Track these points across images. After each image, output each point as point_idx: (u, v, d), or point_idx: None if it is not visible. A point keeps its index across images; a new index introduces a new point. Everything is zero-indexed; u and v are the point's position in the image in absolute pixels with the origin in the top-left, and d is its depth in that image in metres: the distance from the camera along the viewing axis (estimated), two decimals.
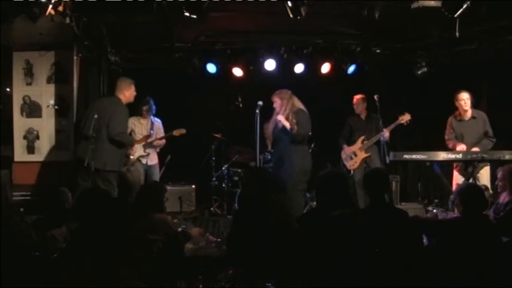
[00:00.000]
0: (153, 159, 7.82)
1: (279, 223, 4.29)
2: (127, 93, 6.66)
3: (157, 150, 7.92)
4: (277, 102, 6.66)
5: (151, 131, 7.78)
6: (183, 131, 7.85)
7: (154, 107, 7.81)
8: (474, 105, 7.10)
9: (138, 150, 7.69)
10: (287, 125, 6.47)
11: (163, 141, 7.83)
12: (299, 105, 6.66)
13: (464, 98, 6.97)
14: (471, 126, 6.98)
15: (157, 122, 7.94)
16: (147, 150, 7.72)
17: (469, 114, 7.00)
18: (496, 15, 6.41)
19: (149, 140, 7.71)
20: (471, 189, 4.19)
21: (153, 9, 5.84)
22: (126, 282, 2.90)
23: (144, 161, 7.70)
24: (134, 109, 7.79)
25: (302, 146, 6.62)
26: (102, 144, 6.27)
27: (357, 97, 7.95)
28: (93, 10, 6.07)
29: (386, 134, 7.34)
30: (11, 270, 3.40)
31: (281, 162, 6.54)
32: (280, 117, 6.53)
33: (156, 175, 7.79)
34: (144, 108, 7.72)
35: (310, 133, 6.72)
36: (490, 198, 5.73)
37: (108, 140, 6.31)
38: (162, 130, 7.93)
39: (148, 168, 7.70)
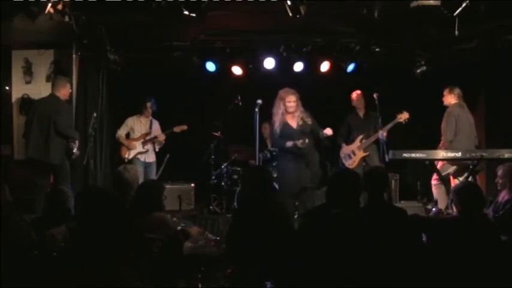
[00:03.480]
0: (150, 157, 7.88)
1: (278, 222, 4.29)
2: (62, 90, 6.87)
3: (157, 149, 7.95)
4: (295, 102, 6.52)
5: (150, 129, 7.86)
6: (184, 127, 7.94)
7: (155, 106, 7.86)
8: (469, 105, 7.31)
9: (137, 147, 7.75)
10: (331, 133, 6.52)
11: (163, 137, 7.87)
12: None
13: None
14: None
15: (156, 122, 8.02)
16: (146, 147, 7.78)
17: None
18: (494, 15, 6.41)
19: (148, 138, 7.76)
20: (468, 188, 4.19)
21: (152, 8, 5.83)
22: (125, 282, 2.90)
23: (142, 158, 7.75)
24: (135, 108, 7.81)
25: None
26: (52, 140, 6.66)
27: (357, 92, 7.96)
28: (93, 9, 6.07)
29: (383, 134, 7.35)
30: (10, 270, 3.40)
31: (303, 161, 6.48)
32: (329, 131, 6.49)
33: (153, 173, 7.86)
34: (148, 104, 7.76)
35: None
36: None
37: (56, 135, 6.65)
38: (160, 131, 8.02)
39: (146, 166, 7.75)
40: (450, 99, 7.17)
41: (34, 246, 3.96)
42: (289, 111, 6.49)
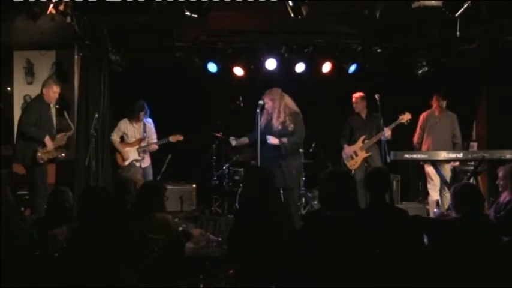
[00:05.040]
0: (146, 162, 7.78)
1: (280, 222, 4.29)
2: (45, 91, 6.87)
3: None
4: (268, 103, 6.49)
5: (144, 134, 7.74)
6: (181, 137, 7.77)
7: (148, 111, 7.76)
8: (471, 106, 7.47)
9: (132, 154, 7.66)
10: (276, 142, 6.40)
11: (156, 147, 7.79)
12: (292, 105, 6.54)
13: None
14: None
15: (150, 123, 7.88)
16: (142, 155, 7.69)
17: None
18: (496, 15, 6.41)
19: (143, 144, 7.68)
20: (466, 189, 4.19)
21: (153, 8, 5.83)
22: (126, 282, 2.90)
23: (138, 164, 7.64)
24: (128, 112, 7.74)
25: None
26: (17, 141, 6.77)
27: (356, 95, 7.95)
28: (94, 10, 6.06)
29: (388, 132, 7.33)
30: (11, 270, 3.40)
31: (275, 162, 6.41)
32: (272, 140, 6.40)
33: (150, 176, 7.74)
34: (141, 113, 7.65)
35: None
36: None
37: (19, 135, 6.71)
38: (154, 131, 7.89)
39: (143, 170, 7.67)
40: (433, 104, 7.80)
41: (35, 246, 3.97)
42: (269, 111, 6.52)
